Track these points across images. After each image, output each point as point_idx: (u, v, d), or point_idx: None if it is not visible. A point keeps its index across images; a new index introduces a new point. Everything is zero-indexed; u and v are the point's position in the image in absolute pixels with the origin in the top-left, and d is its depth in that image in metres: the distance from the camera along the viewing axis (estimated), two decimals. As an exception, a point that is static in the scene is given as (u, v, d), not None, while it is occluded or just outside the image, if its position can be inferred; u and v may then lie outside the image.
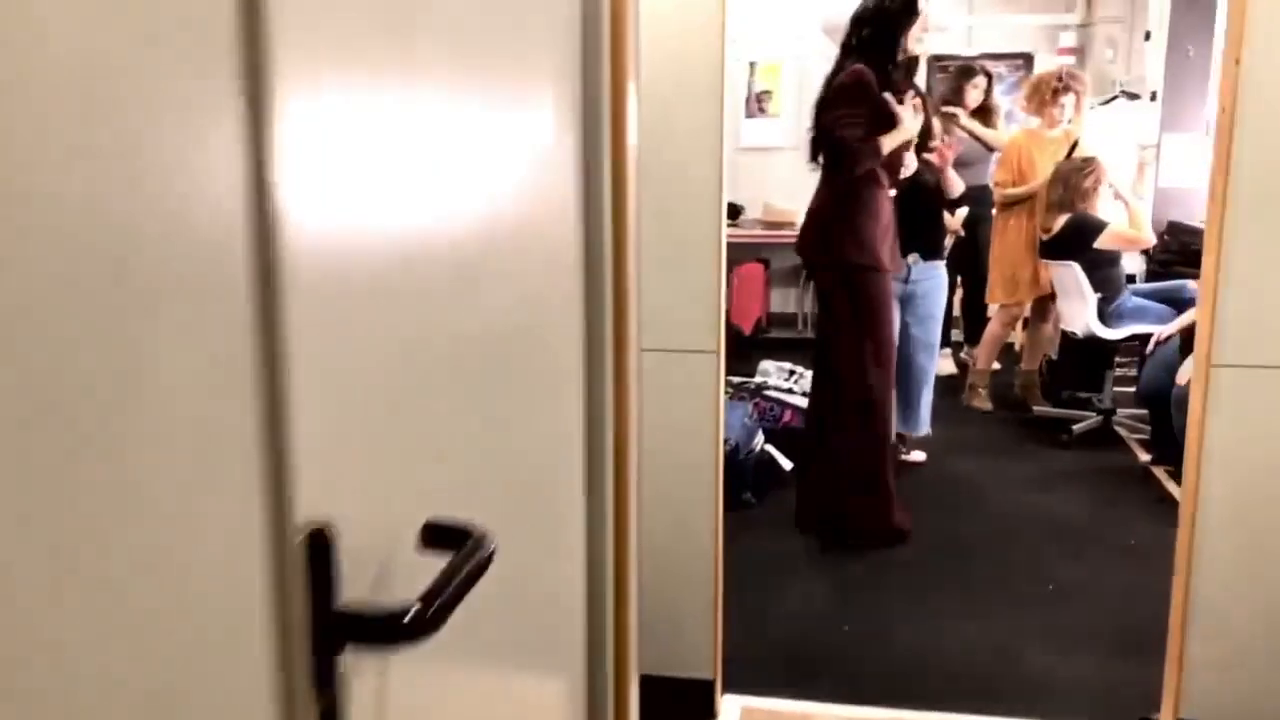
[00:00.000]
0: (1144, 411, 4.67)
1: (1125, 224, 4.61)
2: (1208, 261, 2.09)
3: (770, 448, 4.21)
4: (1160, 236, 5.13)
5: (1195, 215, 5.26)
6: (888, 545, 3.47)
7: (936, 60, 7.08)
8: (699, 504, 2.37)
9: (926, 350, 4.12)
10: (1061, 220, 4.59)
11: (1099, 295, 4.56)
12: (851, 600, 3.13)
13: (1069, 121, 5.03)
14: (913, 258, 3.95)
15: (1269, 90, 2.01)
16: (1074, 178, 4.61)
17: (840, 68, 3.40)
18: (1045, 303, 5.15)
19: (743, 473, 3.93)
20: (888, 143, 3.34)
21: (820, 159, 3.48)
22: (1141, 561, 3.36)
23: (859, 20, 3.43)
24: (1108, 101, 6.24)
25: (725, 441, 3.94)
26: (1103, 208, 4.68)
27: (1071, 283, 4.56)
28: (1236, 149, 2.04)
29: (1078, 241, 4.55)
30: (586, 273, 1.32)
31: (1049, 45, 6.81)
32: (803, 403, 4.29)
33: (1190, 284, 4.78)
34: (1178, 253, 5.02)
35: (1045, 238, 4.68)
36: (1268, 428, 2.09)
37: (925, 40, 3.54)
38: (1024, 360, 5.32)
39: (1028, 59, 6.95)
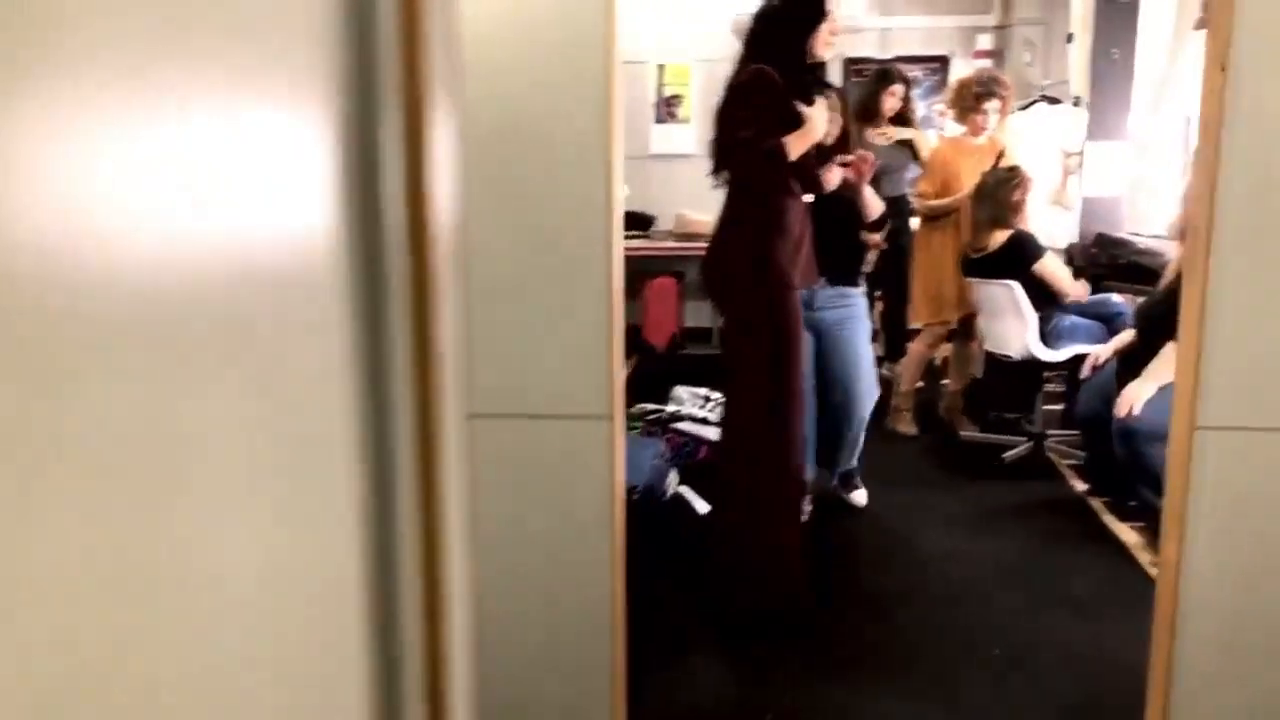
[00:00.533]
0: (1076, 434, 4.42)
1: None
2: (1189, 307, 1.76)
3: (685, 489, 3.83)
4: (1087, 249, 4.90)
5: (1122, 225, 5.05)
6: (785, 608, 3.08)
7: (852, 64, 6.81)
8: (592, 603, 1.96)
9: (849, 393, 3.69)
10: (999, 238, 4.31)
11: (1038, 315, 4.29)
12: (773, 680, 2.75)
13: (993, 129, 4.76)
14: (820, 281, 3.56)
15: (1266, 103, 1.68)
16: (1001, 191, 4.33)
17: (740, 70, 3.05)
18: (973, 320, 4.87)
19: (654, 522, 3.54)
20: (794, 144, 2.98)
21: (724, 171, 3.12)
22: (1092, 616, 3.06)
23: (762, 18, 3.08)
24: (1027, 106, 6.02)
25: (633, 490, 3.57)
26: (1031, 220, 4.42)
27: (1009, 303, 4.28)
28: (1224, 173, 1.71)
29: (1018, 260, 4.27)
30: (360, 323, 0.91)
31: (966, 48, 6.58)
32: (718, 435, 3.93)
33: (1114, 297, 4.55)
34: (1106, 265, 4.79)
35: (976, 255, 4.39)
36: (1263, 500, 1.77)
37: (835, 44, 3.19)
38: (950, 381, 5.04)
39: (944, 62, 6.72)
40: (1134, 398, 3.41)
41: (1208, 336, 1.73)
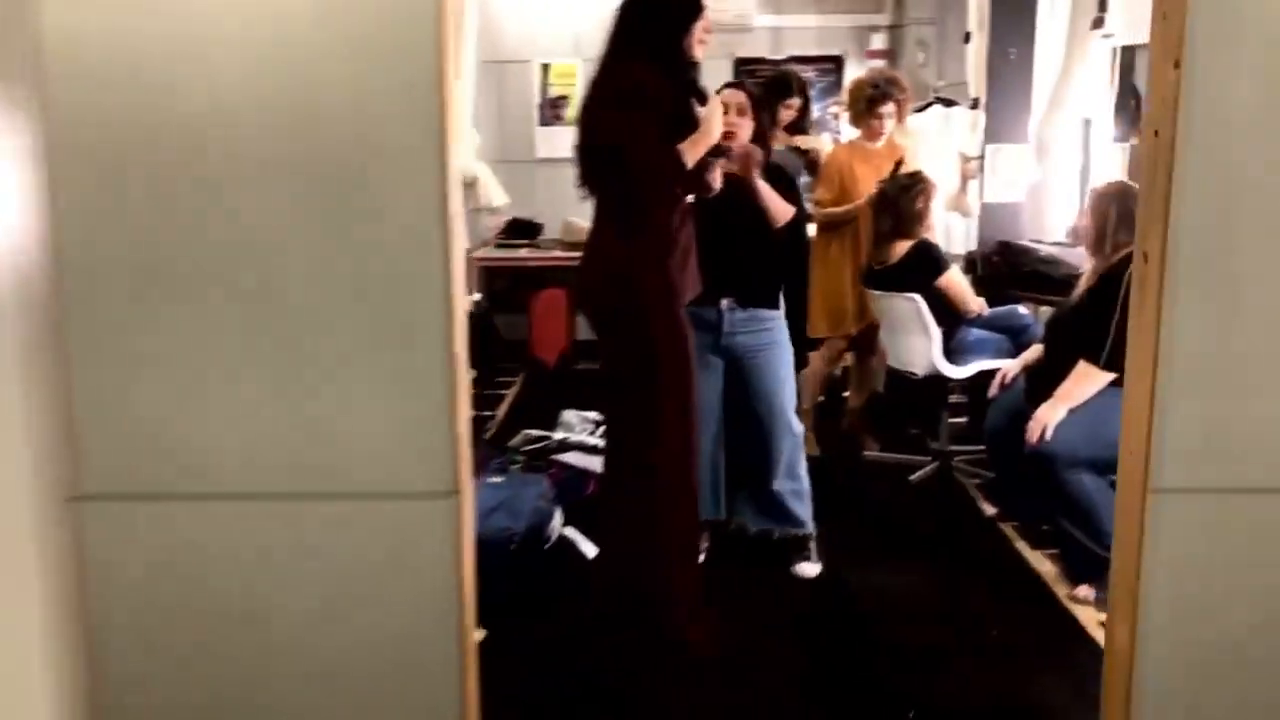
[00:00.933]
0: (981, 450, 4.21)
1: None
2: (1140, 350, 1.48)
3: (571, 531, 3.47)
4: (989, 258, 4.71)
5: (1023, 232, 4.88)
6: (666, 663, 2.76)
7: (743, 64, 6.55)
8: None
9: (767, 430, 3.30)
10: (901, 249, 4.06)
11: (941, 330, 4.06)
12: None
13: (891, 133, 4.52)
14: (726, 303, 3.24)
15: (1225, 106, 1.41)
16: (902, 199, 4.09)
17: (609, 70, 2.71)
18: (873, 333, 4.63)
19: (531, 573, 3.17)
20: (690, 151, 2.68)
21: (593, 183, 2.78)
22: (1012, 662, 2.81)
23: (630, 12, 2.74)
24: (923, 108, 5.83)
25: (510, 539, 3.20)
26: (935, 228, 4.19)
27: (912, 317, 4.03)
28: (1180, 187, 1.43)
29: (922, 273, 4.03)
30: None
31: (860, 48, 6.38)
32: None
33: (1021, 309, 4.35)
34: (1009, 275, 4.60)
35: (879, 267, 4.14)
36: (1229, 571, 1.50)
37: (709, 42, 2.87)
38: (851, 395, 4.79)
39: (838, 62, 6.51)
40: (1045, 421, 3.19)
41: (1162, 383, 1.45)
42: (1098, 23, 4.60)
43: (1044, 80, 4.80)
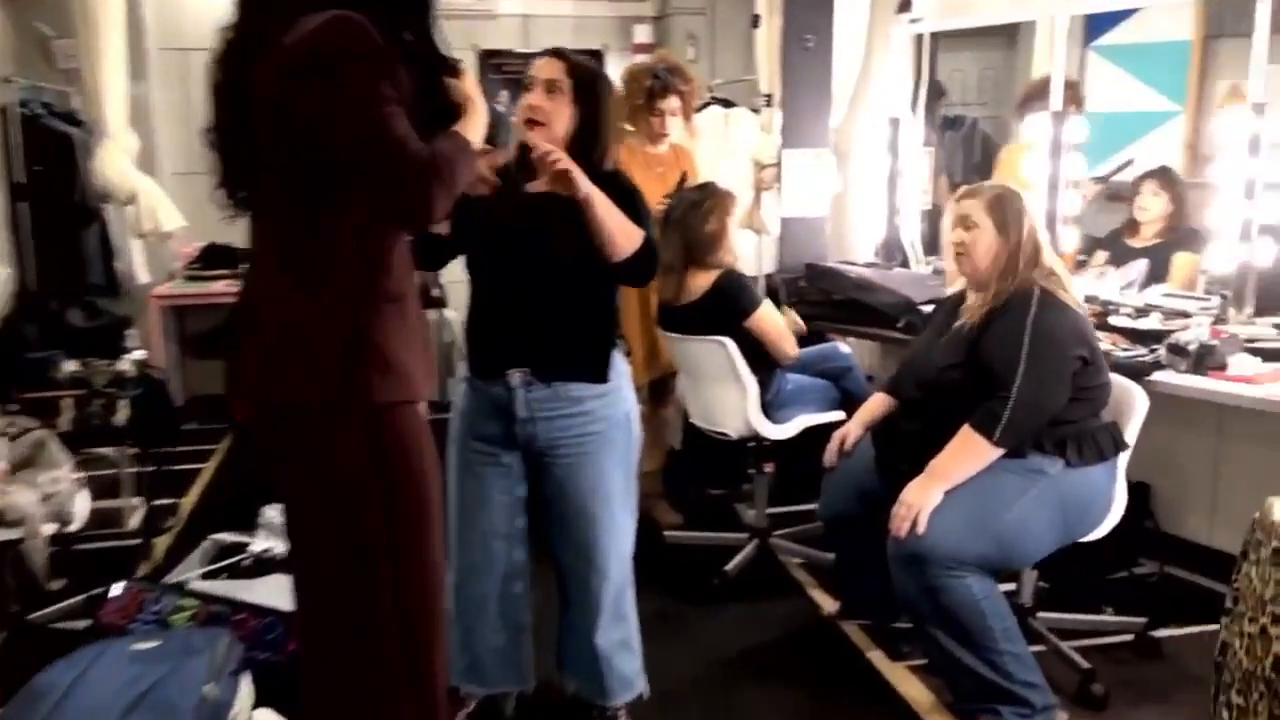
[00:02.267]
0: (799, 508, 3.46)
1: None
2: None
3: (266, 714, 2.35)
4: (795, 282, 3.95)
5: (827, 252, 4.16)
6: None
7: (490, 57, 5.57)
8: None
9: (591, 560, 2.30)
10: (703, 281, 3.20)
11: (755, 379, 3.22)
12: None
13: (675, 135, 3.66)
14: (517, 376, 2.21)
15: None
16: (691, 219, 3.22)
17: (285, 10, 1.65)
18: (665, 382, 3.76)
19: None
20: (470, 132, 1.72)
21: (270, 190, 1.72)
22: None
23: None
24: (699, 110, 5.06)
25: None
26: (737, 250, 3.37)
27: (722, 366, 3.18)
28: None
29: (731, 309, 3.19)
30: None
31: (623, 41, 5.55)
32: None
33: (842, 346, 3.61)
34: (815, 304, 3.84)
35: (675, 306, 3.27)
36: None
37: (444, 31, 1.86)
38: (642, 459, 3.85)
39: (599, 57, 5.64)
40: (915, 505, 2.40)
41: None
42: (904, 6, 3.95)
43: (846, 73, 4.11)
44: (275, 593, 2.67)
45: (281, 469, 1.77)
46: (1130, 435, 2.57)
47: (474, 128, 1.75)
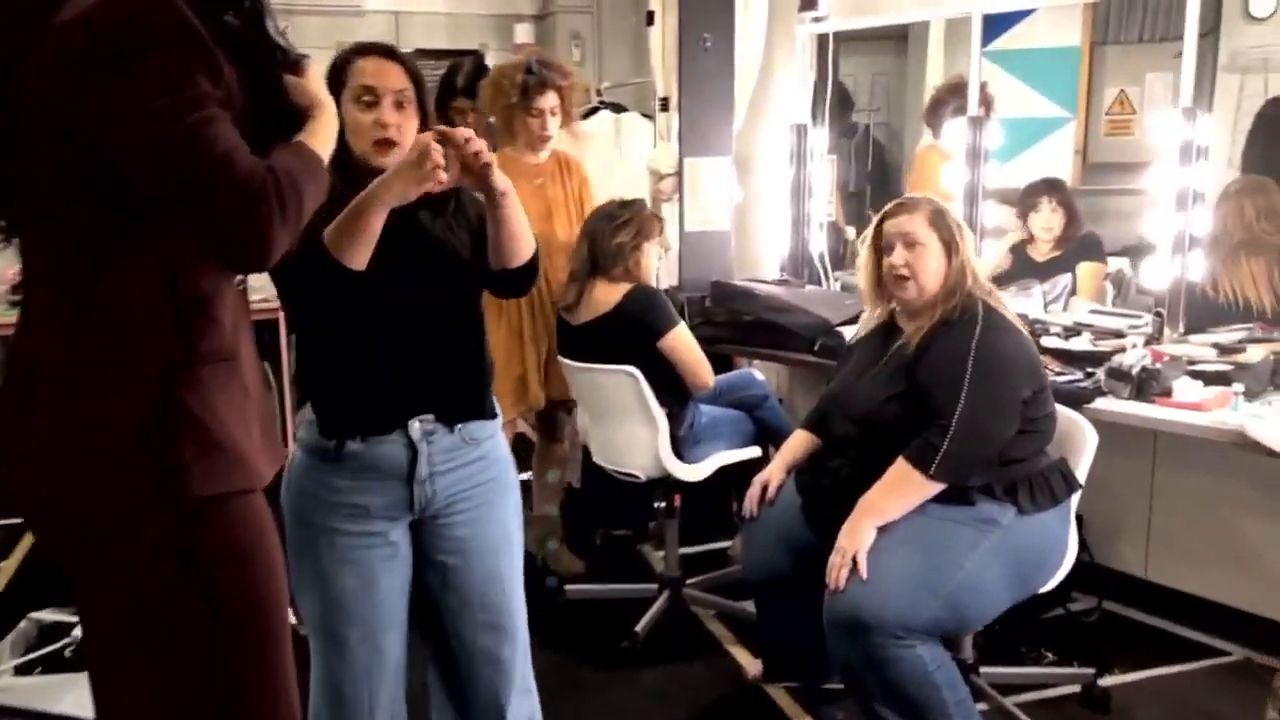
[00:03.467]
0: (711, 548, 3.13)
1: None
2: None
3: None
4: (701, 302, 3.63)
5: (731, 268, 3.86)
6: None
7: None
8: None
9: (495, 631, 1.91)
10: (613, 294, 2.86)
11: (664, 412, 2.88)
12: None
13: (555, 139, 3.28)
14: (419, 426, 1.79)
15: None
16: (603, 229, 2.91)
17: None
18: (556, 412, 3.38)
19: None
20: (317, 142, 1.36)
21: (46, 220, 1.30)
22: None
23: None
24: (587, 115, 4.72)
25: None
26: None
27: (629, 399, 2.83)
28: None
29: (642, 327, 2.85)
30: None
31: (503, 41, 5.17)
32: None
33: (756, 373, 3.31)
34: (722, 325, 3.55)
35: (577, 322, 2.91)
36: None
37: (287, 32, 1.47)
38: (535, 502, 3.49)
39: (476, 58, 5.24)
40: (849, 549, 2.11)
41: None
42: (808, 3, 3.68)
43: (746, 76, 3.81)
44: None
45: (75, 583, 1.35)
46: (1080, 473, 2.33)
47: (322, 136, 1.36)
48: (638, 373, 2.78)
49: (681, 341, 2.88)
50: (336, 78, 1.78)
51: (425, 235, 1.78)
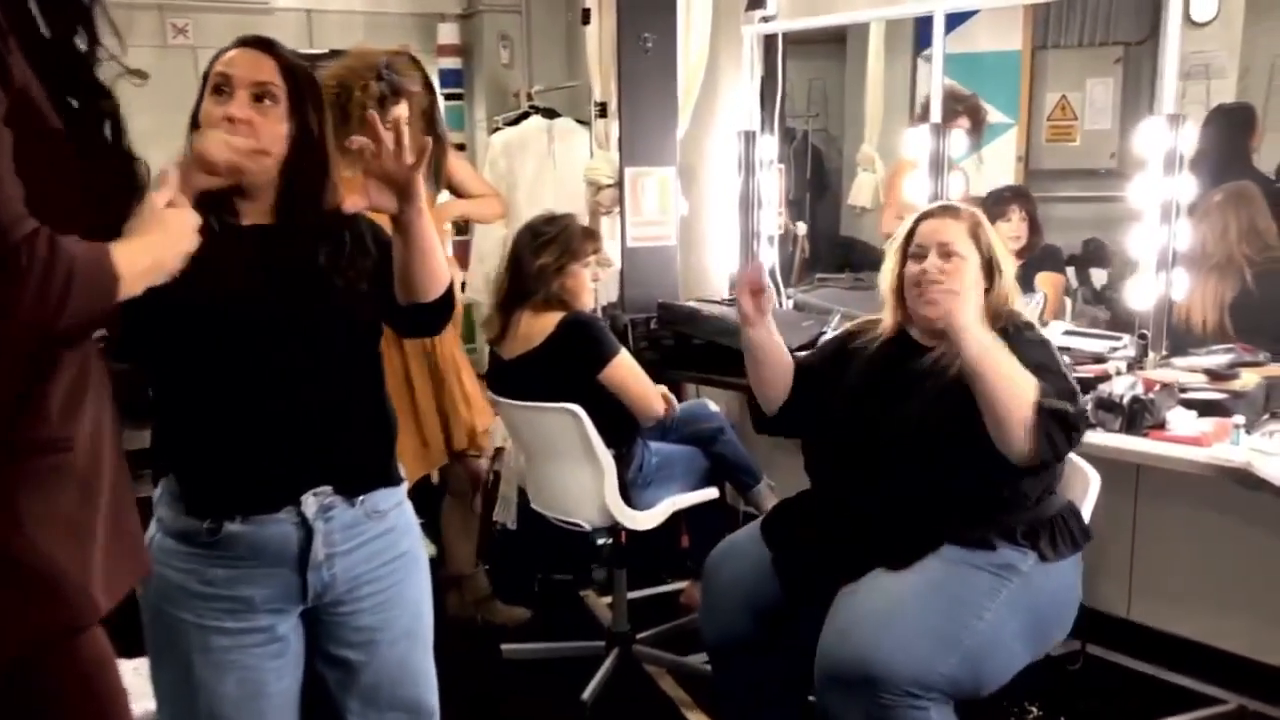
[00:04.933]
0: (657, 591, 2.84)
1: None
2: None
3: None
4: (646, 324, 3.34)
5: (678, 287, 3.58)
6: None
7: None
8: None
9: None
10: (545, 324, 2.56)
11: (615, 455, 2.58)
12: None
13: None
14: (313, 501, 1.46)
15: None
16: (525, 250, 2.62)
17: None
18: (463, 464, 3.01)
19: None
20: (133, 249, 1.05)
21: None
22: None
23: None
24: (516, 121, 4.42)
25: None
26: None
27: (572, 440, 2.53)
28: None
29: (580, 358, 2.56)
30: None
31: (425, 41, 4.82)
32: None
33: (710, 403, 3.03)
34: (669, 349, 3.27)
35: (506, 357, 2.61)
36: None
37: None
38: (450, 556, 3.13)
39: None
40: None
41: None
42: (755, 1, 3.42)
43: (690, 79, 3.54)
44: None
45: None
46: (1085, 517, 2.09)
47: (138, 250, 1.05)
48: (580, 412, 2.48)
49: (624, 371, 2.59)
50: (206, 77, 1.47)
51: (312, 268, 1.46)
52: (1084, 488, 2.13)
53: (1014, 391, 1.81)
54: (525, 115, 4.38)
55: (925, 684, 1.78)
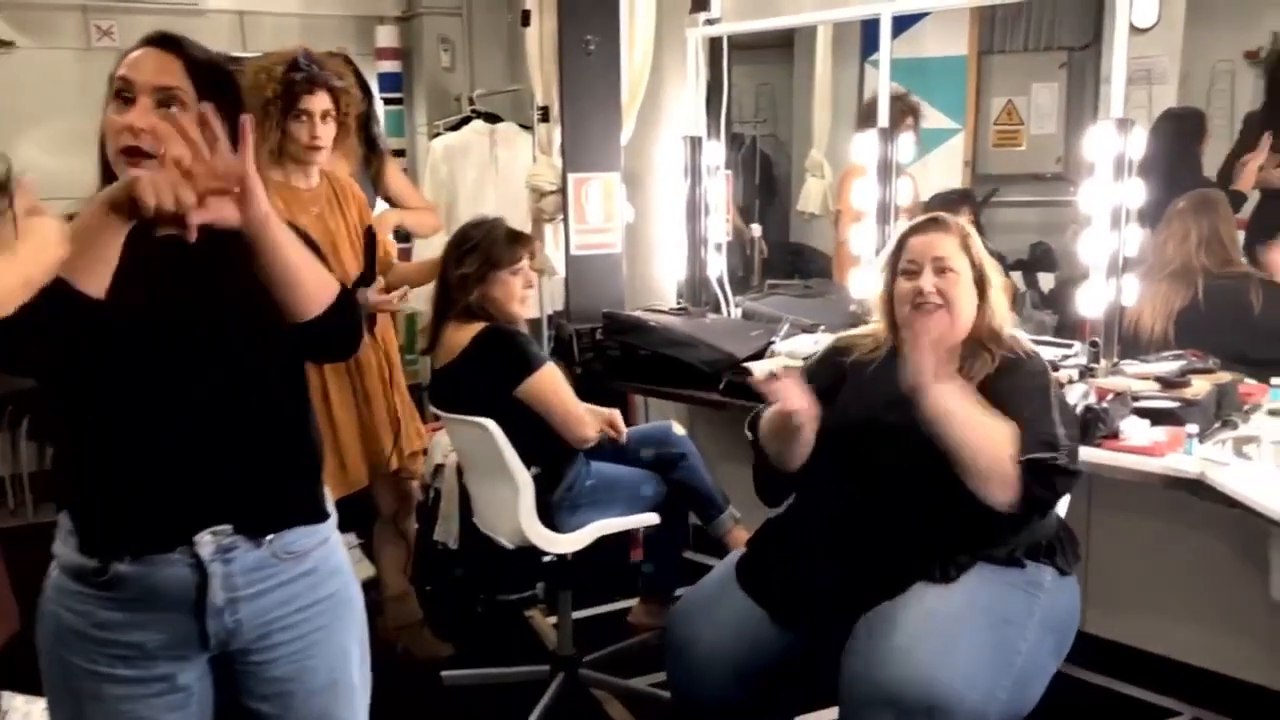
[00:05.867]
0: (607, 610, 2.74)
1: None
2: None
3: None
4: (592, 334, 3.25)
5: (624, 296, 3.49)
6: None
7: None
8: None
9: None
10: (464, 336, 2.47)
11: (534, 471, 2.47)
12: None
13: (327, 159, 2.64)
14: (209, 543, 1.33)
15: None
16: (448, 265, 2.55)
17: None
18: (391, 485, 2.89)
19: None
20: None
21: None
22: None
23: None
24: (458, 126, 4.31)
25: None
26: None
27: (489, 454, 2.42)
28: None
29: (495, 373, 2.46)
30: None
31: (363, 44, 4.69)
32: None
33: (677, 426, 2.91)
34: (615, 360, 3.18)
35: (436, 367, 2.51)
36: None
37: None
38: (384, 578, 2.98)
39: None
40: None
41: None
42: (700, 2, 3.35)
43: (634, 83, 3.46)
44: None
45: None
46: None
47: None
48: (491, 425, 2.38)
49: (544, 388, 2.46)
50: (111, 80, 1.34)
51: (221, 279, 1.32)
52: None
53: (985, 447, 1.75)
54: (467, 120, 4.28)
55: (983, 714, 1.69)
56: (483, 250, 2.51)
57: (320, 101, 2.51)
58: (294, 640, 1.41)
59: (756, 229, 4.00)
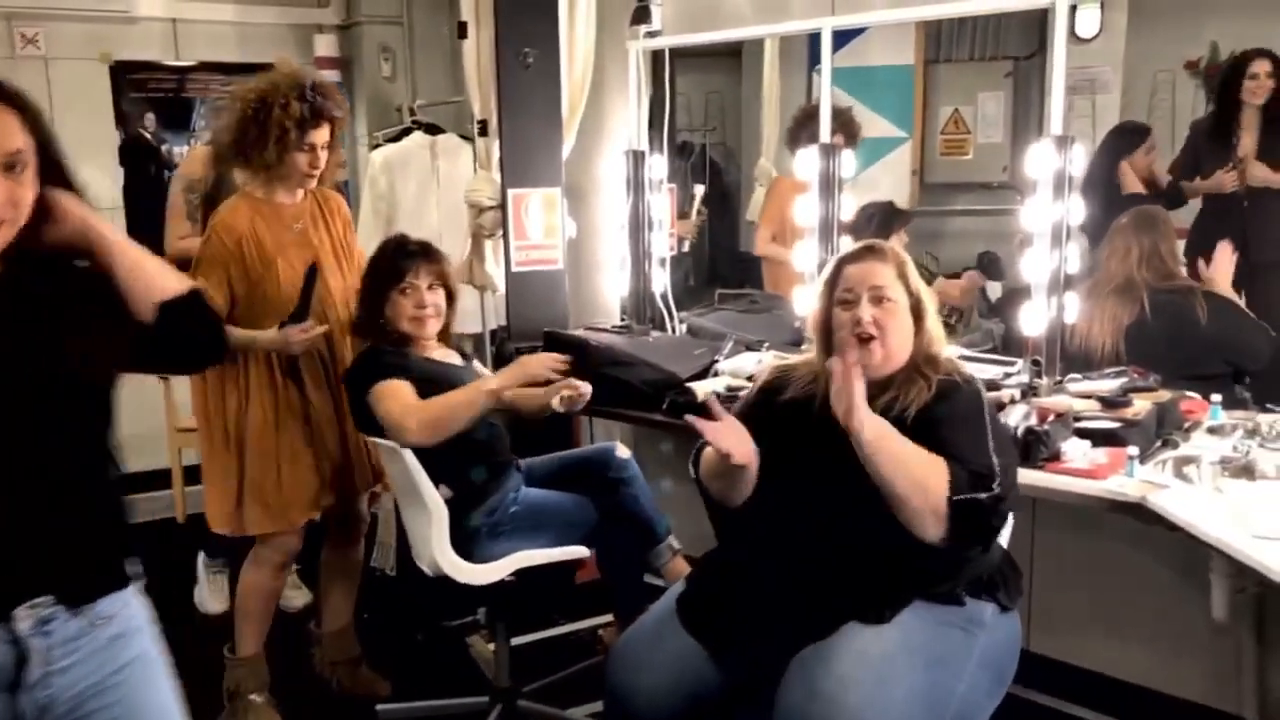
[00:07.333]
0: (543, 635, 2.68)
1: None
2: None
3: None
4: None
5: (567, 314, 3.42)
6: None
7: (128, 70, 4.44)
8: None
9: None
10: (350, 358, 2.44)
11: (445, 493, 2.38)
12: None
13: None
14: (26, 618, 1.25)
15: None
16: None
17: None
18: (349, 504, 2.81)
19: None
20: None
21: None
22: None
23: None
24: (398, 137, 4.22)
25: None
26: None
27: (402, 477, 2.37)
28: None
29: (355, 400, 2.42)
30: None
31: (301, 53, 4.58)
32: None
33: (621, 448, 2.79)
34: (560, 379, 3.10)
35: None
36: None
37: None
38: (325, 614, 2.91)
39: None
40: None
41: None
42: (640, 14, 3.29)
43: (576, 95, 3.40)
44: None
45: None
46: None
47: None
48: (397, 447, 2.31)
49: (378, 398, 2.35)
50: None
51: (32, 331, 1.24)
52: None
53: (916, 486, 1.71)
54: (407, 131, 4.19)
55: None
56: (370, 268, 2.50)
57: (324, 134, 2.55)
58: (109, 706, 1.33)
59: (699, 189, 3.95)
